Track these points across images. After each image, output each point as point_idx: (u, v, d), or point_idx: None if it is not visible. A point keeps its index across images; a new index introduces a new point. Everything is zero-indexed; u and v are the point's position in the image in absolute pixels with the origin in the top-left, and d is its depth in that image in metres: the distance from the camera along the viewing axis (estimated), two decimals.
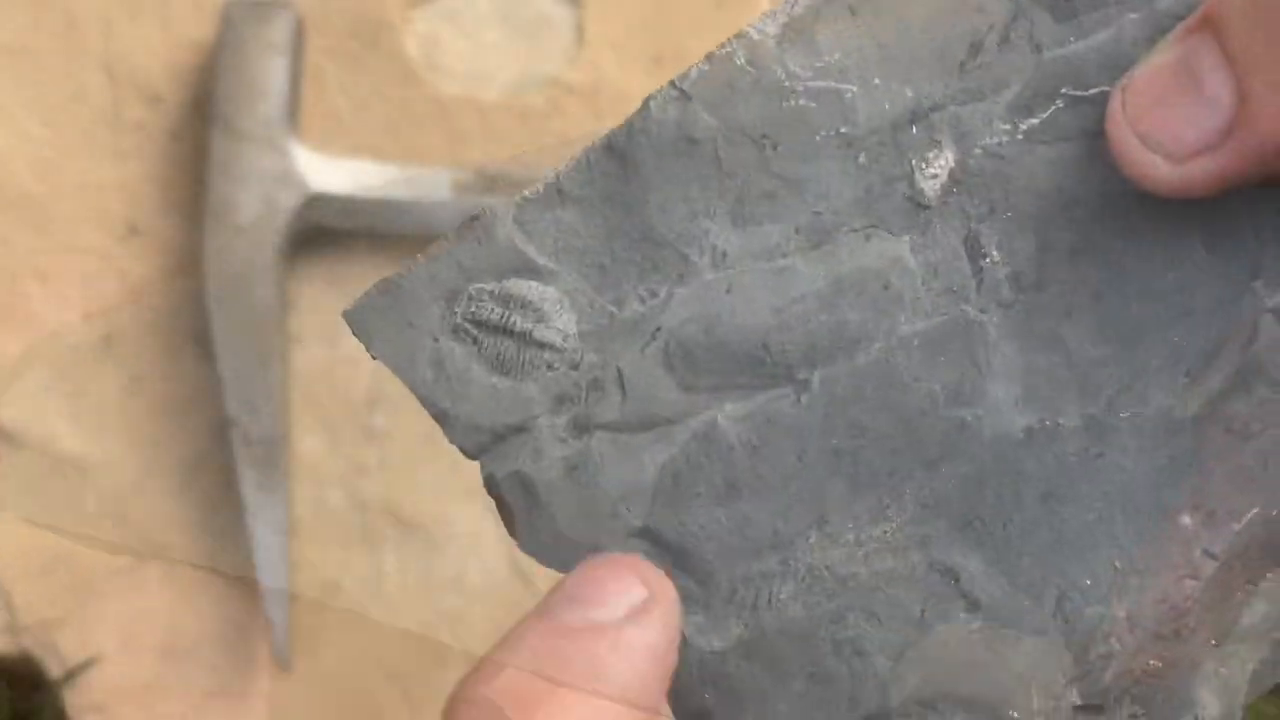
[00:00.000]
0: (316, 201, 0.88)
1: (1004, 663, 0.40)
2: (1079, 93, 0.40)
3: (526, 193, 0.42)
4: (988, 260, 0.41)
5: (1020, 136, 0.40)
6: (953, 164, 0.41)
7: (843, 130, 0.41)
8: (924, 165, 0.41)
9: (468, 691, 0.37)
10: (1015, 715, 0.40)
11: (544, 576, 0.43)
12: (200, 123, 0.91)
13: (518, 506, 0.42)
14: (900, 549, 0.41)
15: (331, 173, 0.89)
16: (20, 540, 0.92)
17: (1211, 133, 0.37)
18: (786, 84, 0.41)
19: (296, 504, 0.92)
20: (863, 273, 0.41)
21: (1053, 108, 0.40)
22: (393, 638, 0.93)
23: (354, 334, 0.43)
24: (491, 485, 0.42)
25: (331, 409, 0.93)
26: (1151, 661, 0.40)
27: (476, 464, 0.43)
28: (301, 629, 0.92)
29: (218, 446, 0.92)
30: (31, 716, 0.94)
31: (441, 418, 0.42)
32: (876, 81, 0.41)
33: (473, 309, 0.42)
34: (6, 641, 0.93)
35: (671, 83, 0.41)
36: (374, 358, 0.42)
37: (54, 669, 0.92)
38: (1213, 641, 0.40)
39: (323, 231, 0.90)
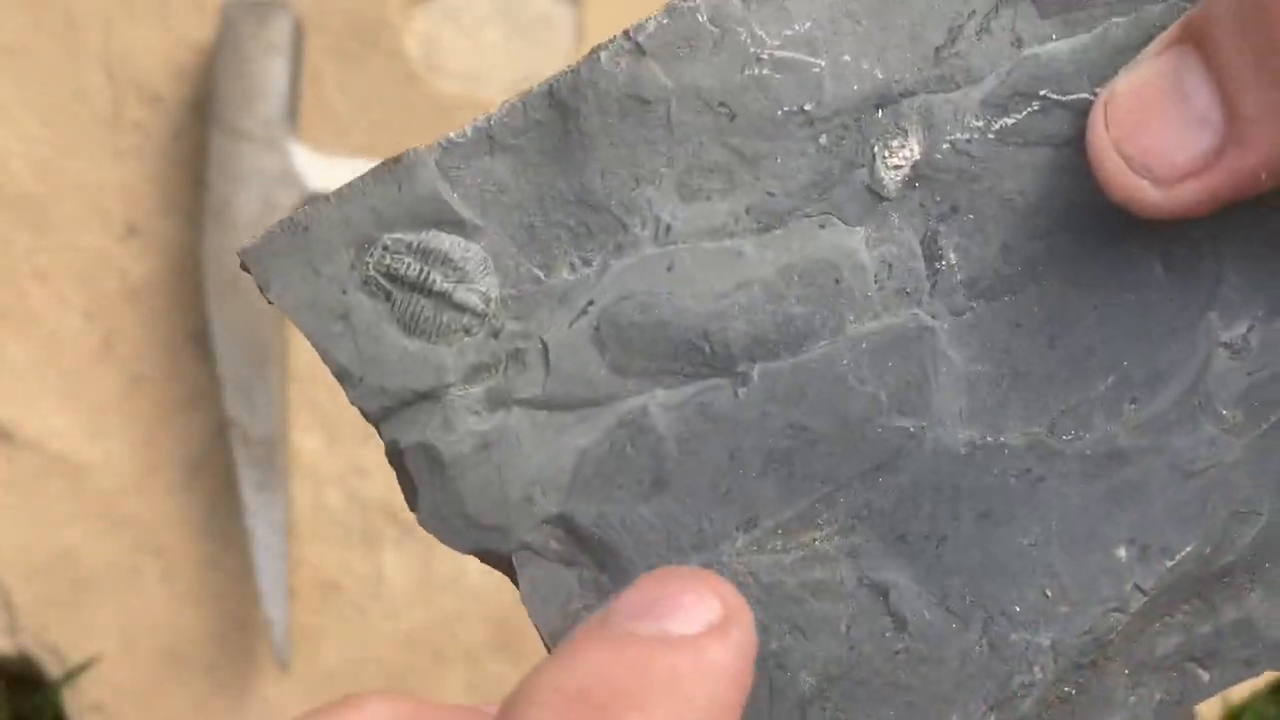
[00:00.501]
0: None
1: (926, 686, 0.38)
2: (1057, 96, 0.38)
3: (453, 135, 0.39)
4: (943, 263, 0.39)
5: (992, 135, 0.38)
6: (918, 156, 0.39)
7: (806, 107, 0.38)
8: (887, 154, 0.39)
9: (532, 693, 0.33)
10: None
11: None
12: (200, 123, 0.91)
13: (421, 480, 0.39)
14: (829, 560, 0.39)
15: (331, 172, 0.89)
16: (20, 540, 0.92)
17: (1201, 155, 0.36)
18: (751, 49, 0.38)
19: (296, 504, 0.92)
20: (814, 263, 0.39)
21: (1028, 109, 0.38)
22: (393, 638, 0.93)
23: (251, 274, 0.39)
24: (393, 454, 0.39)
25: (331, 409, 0.93)
26: (1066, 689, 0.39)
27: None
28: (301, 629, 0.92)
29: (218, 446, 0.92)
30: (31, 716, 0.94)
31: (343, 376, 0.39)
32: (846, 58, 0.38)
33: (387, 261, 0.39)
34: (6, 641, 0.93)
35: (625, 33, 0.38)
36: (270, 302, 0.39)
37: (54, 669, 0.92)
38: (1126, 671, 0.39)
39: None
